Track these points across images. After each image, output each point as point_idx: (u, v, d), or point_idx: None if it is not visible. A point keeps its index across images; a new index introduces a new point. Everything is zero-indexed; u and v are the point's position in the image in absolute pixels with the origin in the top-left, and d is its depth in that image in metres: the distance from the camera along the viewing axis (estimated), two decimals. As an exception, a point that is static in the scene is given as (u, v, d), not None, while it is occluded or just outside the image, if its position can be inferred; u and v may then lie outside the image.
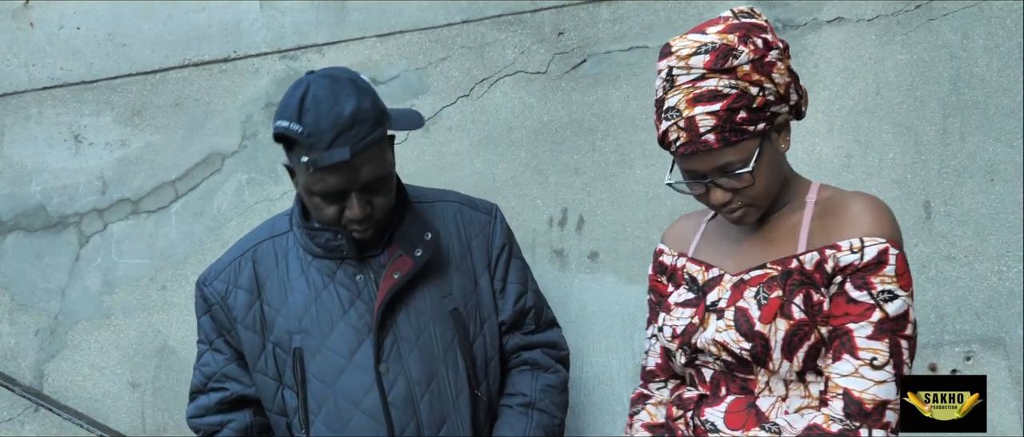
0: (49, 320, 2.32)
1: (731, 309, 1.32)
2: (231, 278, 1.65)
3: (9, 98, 2.39)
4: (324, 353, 1.58)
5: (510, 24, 2.17)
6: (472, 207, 1.72)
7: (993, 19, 1.98)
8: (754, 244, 1.38)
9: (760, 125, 1.27)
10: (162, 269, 2.28)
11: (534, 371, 1.70)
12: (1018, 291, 1.93)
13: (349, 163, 1.44)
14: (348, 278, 1.60)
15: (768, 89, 1.27)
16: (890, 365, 1.24)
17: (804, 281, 1.28)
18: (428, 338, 1.59)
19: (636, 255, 2.08)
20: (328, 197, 1.50)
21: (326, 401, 1.57)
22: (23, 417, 2.30)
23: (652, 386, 1.56)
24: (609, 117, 2.12)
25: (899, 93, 2.01)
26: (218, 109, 2.29)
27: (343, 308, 1.58)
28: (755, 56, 1.26)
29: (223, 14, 2.30)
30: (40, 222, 2.35)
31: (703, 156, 1.28)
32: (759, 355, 1.29)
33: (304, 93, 1.45)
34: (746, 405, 1.32)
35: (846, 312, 1.26)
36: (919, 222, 1.98)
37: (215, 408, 1.67)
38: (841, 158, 2.02)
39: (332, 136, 1.43)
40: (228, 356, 1.66)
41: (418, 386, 1.56)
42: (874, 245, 1.25)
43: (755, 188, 1.29)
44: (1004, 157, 1.95)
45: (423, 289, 1.60)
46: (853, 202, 1.31)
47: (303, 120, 1.44)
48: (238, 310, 1.63)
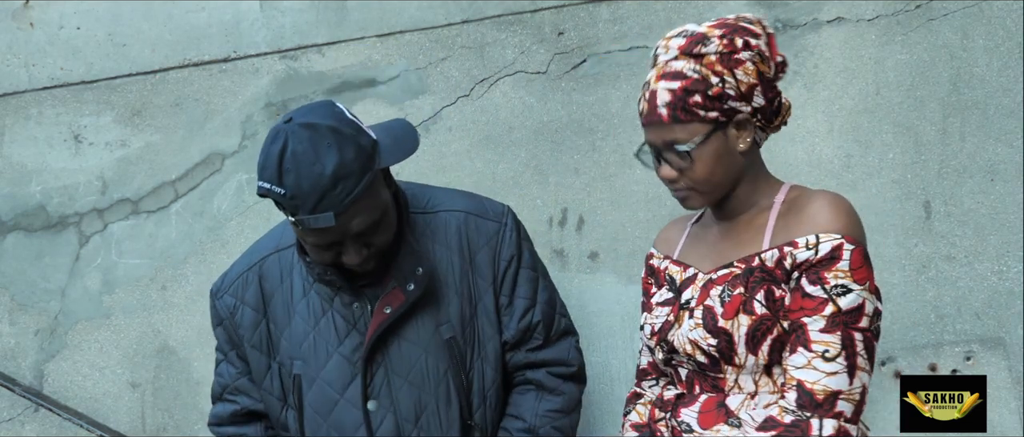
0: (49, 320, 2.32)
1: (700, 307, 1.39)
2: (239, 293, 1.65)
3: (9, 98, 2.39)
4: (319, 385, 1.58)
5: (510, 24, 2.17)
6: (481, 216, 1.65)
7: (993, 19, 1.98)
8: (725, 244, 1.45)
9: (712, 113, 1.34)
10: (162, 269, 2.28)
11: (538, 393, 1.65)
12: (1018, 291, 1.93)
13: (346, 213, 1.41)
14: (345, 306, 1.59)
15: (728, 83, 1.34)
16: (841, 357, 1.28)
17: (765, 278, 1.34)
18: (420, 371, 1.57)
19: (636, 255, 2.08)
20: (321, 248, 1.48)
21: (319, 432, 1.58)
22: (23, 417, 2.30)
23: (644, 384, 1.60)
24: (609, 117, 2.12)
25: (899, 93, 2.01)
26: (218, 109, 2.29)
27: (339, 339, 1.58)
28: (724, 49, 1.34)
29: (223, 14, 2.30)
30: (40, 222, 2.35)
31: (656, 128, 1.38)
32: (724, 350, 1.35)
33: (282, 150, 1.41)
34: (717, 404, 1.37)
35: (801, 306, 1.31)
36: (919, 222, 1.98)
37: (229, 420, 1.69)
38: (841, 158, 2.02)
39: (315, 200, 1.39)
40: (240, 370, 1.67)
41: (407, 423, 1.56)
42: (828, 241, 1.31)
43: (695, 171, 1.37)
44: (1004, 157, 1.95)
45: (417, 320, 1.57)
46: (813, 200, 1.37)
47: (284, 182, 1.40)
48: (244, 329, 1.63)
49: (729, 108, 1.35)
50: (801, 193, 1.41)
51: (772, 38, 1.40)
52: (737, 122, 1.37)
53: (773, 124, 1.44)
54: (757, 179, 1.44)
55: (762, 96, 1.38)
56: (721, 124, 1.36)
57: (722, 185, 1.41)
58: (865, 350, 1.30)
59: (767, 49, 1.38)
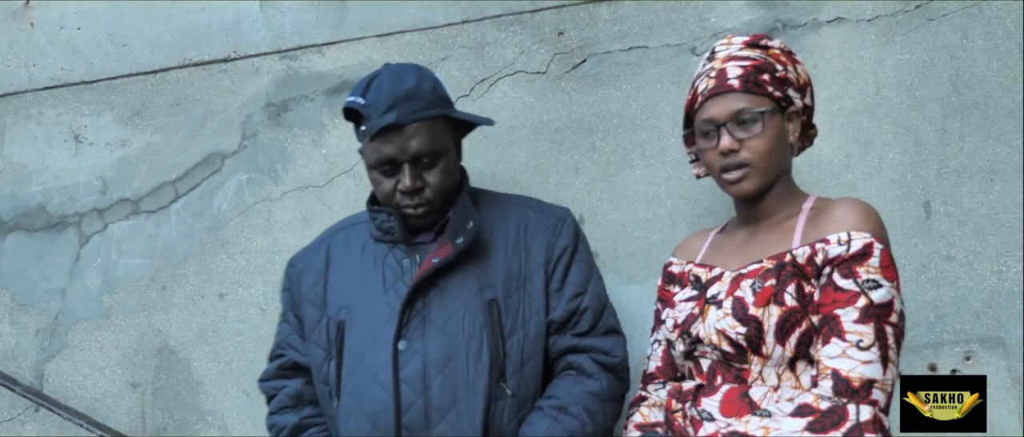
0: (49, 320, 2.33)
1: (729, 299, 1.41)
2: (309, 261, 1.79)
3: (9, 98, 2.39)
4: (360, 327, 1.65)
5: (510, 24, 2.17)
6: (540, 212, 1.75)
7: (993, 19, 1.98)
8: (752, 245, 1.49)
9: (777, 93, 1.44)
10: (162, 269, 2.28)
11: (578, 376, 1.66)
12: (1018, 291, 1.93)
13: (400, 132, 1.58)
14: (397, 262, 1.68)
15: (791, 72, 1.47)
16: (875, 347, 1.31)
17: (796, 273, 1.37)
18: (456, 322, 1.61)
19: (636, 255, 2.08)
20: (384, 168, 1.62)
21: (353, 372, 1.63)
22: (23, 417, 2.30)
23: (650, 388, 1.63)
24: (609, 117, 2.12)
25: (899, 93, 2.01)
26: (218, 109, 2.29)
27: (385, 287, 1.66)
28: (785, 48, 1.50)
29: (223, 14, 2.31)
30: (40, 222, 2.35)
31: (723, 98, 1.44)
32: (753, 339, 1.37)
33: (374, 75, 1.63)
34: (739, 395, 1.39)
35: (834, 299, 1.33)
36: (919, 222, 1.98)
37: (275, 373, 1.79)
38: (841, 158, 2.02)
39: (387, 106, 1.57)
40: (294, 327, 1.77)
41: (433, 365, 1.59)
42: (860, 239, 1.35)
43: (757, 143, 1.43)
44: (1004, 157, 1.95)
45: (461, 277, 1.64)
46: (842, 203, 1.42)
47: (367, 94, 1.60)
48: (306, 287, 1.75)
49: (788, 96, 1.46)
50: (828, 201, 1.47)
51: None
52: (790, 114, 1.46)
53: (809, 134, 1.54)
54: (790, 185, 1.51)
55: (811, 97, 1.49)
56: (781, 108, 1.46)
57: (773, 168, 1.46)
58: (896, 344, 1.33)
59: None
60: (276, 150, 2.26)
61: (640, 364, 2.05)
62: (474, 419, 1.57)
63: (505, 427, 1.60)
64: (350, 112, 1.64)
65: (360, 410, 1.60)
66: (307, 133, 2.25)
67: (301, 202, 2.23)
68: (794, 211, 1.47)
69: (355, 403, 1.61)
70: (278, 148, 2.26)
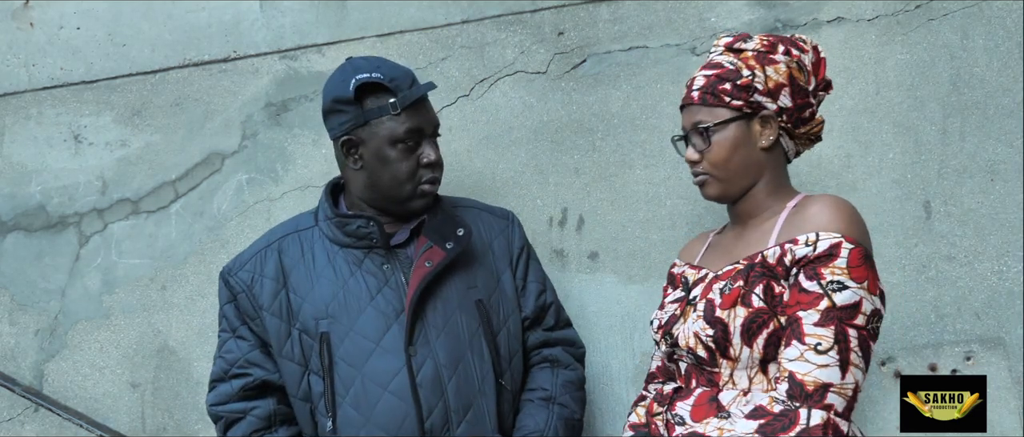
0: (49, 320, 2.32)
1: (702, 301, 1.43)
2: (257, 268, 1.68)
3: (9, 98, 2.39)
4: (352, 337, 1.60)
5: (510, 24, 2.17)
6: (490, 213, 1.82)
7: (993, 19, 1.98)
8: (736, 246, 1.50)
9: (737, 101, 1.44)
10: (162, 269, 2.28)
11: (554, 368, 1.75)
12: (1018, 291, 1.93)
13: (424, 104, 1.65)
14: (376, 267, 1.65)
15: (757, 77, 1.44)
16: (834, 351, 1.30)
17: (765, 273, 1.38)
18: (455, 325, 1.63)
19: (636, 255, 2.08)
20: (408, 143, 1.61)
21: (353, 384, 1.59)
22: (23, 417, 2.30)
23: (651, 386, 1.64)
24: (609, 117, 2.12)
25: (899, 93, 2.01)
26: (218, 109, 2.29)
27: (371, 294, 1.62)
28: (762, 49, 1.46)
29: (223, 14, 2.30)
30: (40, 222, 2.35)
31: (688, 110, 1.50)
32: (720, 340, 1.38)
33: (356, 61, 1.65)
34: (709, 398, 1.40)
35: (798, 301, 1.34)
36: (919, 222, 1.98)
37: (238, 395, 1.66)
38: (841, 158, 2.02)
39: (410, 80, 1.63)
40: (252, 343, 1.67)
41: (446, 369, 1.60)
42: (827, 239, 1.34)
43: (712, 153, 1.46)
44: (1004, 157, 1.95)
45: (450, 280, 1.65)
46: (816, 201, 1.42)
47: (380, 71, 1.60)
48: (264, 297, 1.65)
49: (755, 101, 1.44)
50: (809, 199, 1.46)
51: (823, 61, 1.51)
52: (762, 117, 1.45)
53: (800, 131, 1.50)
54: (777, 186, 1.50)
55: (789, 98, 1.45)
56: (746, 115, 1.45)
57: (737, 176, 1.47)
58: (859, 347, 1.31)
59: (811, 65, 1.48)
60: (276, 150, 2.26)
61: (643, 363, 2.06)
62: (490, 417, 1.62)
63: (506, 420, 1.67)
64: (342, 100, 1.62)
65: (371, 422, 1.58)
66: (307, 133, 2.24)
67: (301, 202, 2.23)
68: (777, 210, 1.47)
69: (363, 415, 1.58)
70: (278, 148, 2.26)
